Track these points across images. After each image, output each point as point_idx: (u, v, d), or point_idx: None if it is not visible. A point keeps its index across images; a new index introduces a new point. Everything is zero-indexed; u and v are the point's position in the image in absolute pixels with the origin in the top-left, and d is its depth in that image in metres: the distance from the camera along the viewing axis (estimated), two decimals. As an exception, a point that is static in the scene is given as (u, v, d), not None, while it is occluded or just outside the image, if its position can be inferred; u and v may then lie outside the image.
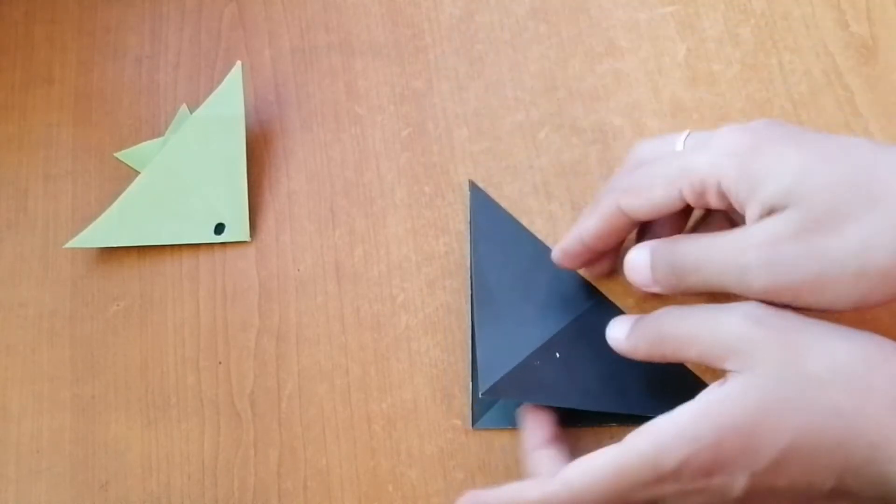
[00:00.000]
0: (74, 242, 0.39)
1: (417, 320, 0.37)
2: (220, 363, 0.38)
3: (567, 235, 0.33)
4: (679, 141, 0.31)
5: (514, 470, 0.34)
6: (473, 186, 0.39)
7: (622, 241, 0.34)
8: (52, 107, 0.44)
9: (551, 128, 0.40)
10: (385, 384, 0.36)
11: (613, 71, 0.40)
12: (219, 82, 0.41)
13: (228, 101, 0.41)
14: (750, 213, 0.27)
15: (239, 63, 0.41)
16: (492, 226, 0.37)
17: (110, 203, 0.40)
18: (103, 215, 0.40)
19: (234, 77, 0.41)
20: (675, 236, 0.31)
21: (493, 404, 0.35)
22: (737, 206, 0.28)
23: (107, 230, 0.40)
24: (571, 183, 0.39)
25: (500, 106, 0.41)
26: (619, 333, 0.31)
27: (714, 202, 0.29)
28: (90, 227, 0.39)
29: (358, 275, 0.38)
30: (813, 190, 0.26)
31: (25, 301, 0.40)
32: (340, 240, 0.39)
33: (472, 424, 0.35)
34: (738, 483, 0.26)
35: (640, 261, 0.31)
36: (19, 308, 0.40)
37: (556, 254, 0.34)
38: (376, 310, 0.38)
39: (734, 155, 0.28)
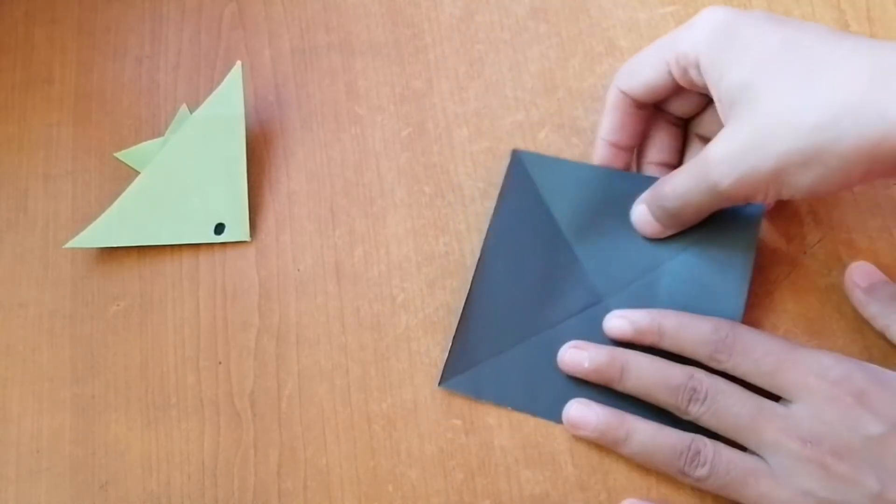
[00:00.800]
0: (74, 242, 0.39)
1: (417, 320, 0.37)
2: (220, 363, 0.38)
3: (596, 146, 0.36)
4: None
5: (513, 470, 0.34)
6: (518, 156, 0.38)
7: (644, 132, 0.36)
8: (52, 107, 0.44)
9: (551, 128, 0.40)
10: (385, 384, 0.36)
11: (613, 71, 0.40)
12: (219, 82, 0.42)
13: (228, 101, 0.41)
14: (716, 101, 0.31)
15: (239, 63, 0.41)
16: (519, 206, 0.37)
17: (110, 203, 0.40)
18: (103, 215, 0.40)
19: (234, 77, 0.41)
20: (657, 183, 0.34)
21: (466, 370, 0.35)
22: (708, 87, 0.31)
23: (107, 230, 0.40)
24: (571, 183, 0.39)
25: (500, 106, 0.41)
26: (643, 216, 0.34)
27: (697, 80, 0.31)
28: (90, 227, 0.40)
29: (358, 275, 0.38)
30: (767, 82, 0.28)
31: (25, 301, 0.40)
32: (340, 240, 0.39)
33: (438, 383, 0.35)
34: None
35: (642, 216, 0.34)
36: (19, 308, 0.40)
37: (597, 158, 0.36)
38: (376, 310, 0.38)
39: (711, 35, 0.30)
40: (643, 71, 0.33)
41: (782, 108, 0.28)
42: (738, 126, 0.29)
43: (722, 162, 0.29)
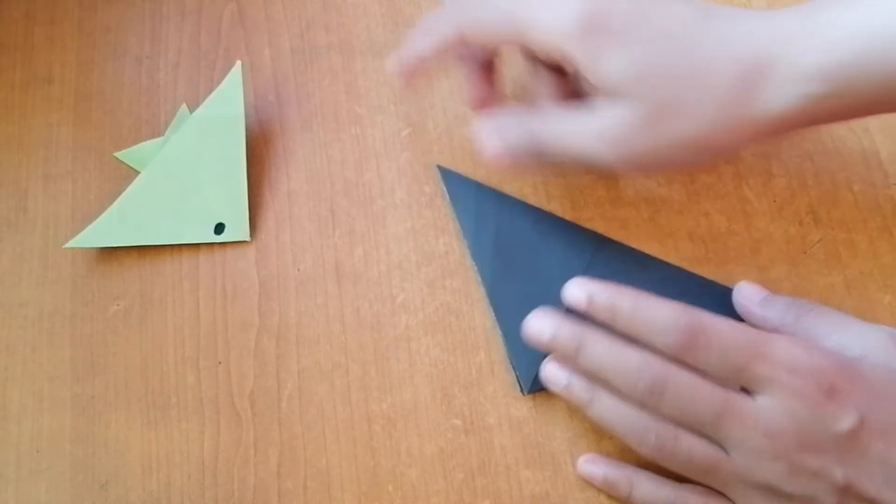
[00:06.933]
0: (74, 242, 0.39)
1: (417, 320, 0.37)
2: (220, 363, 0.38)
3: (404, 51, 0.35)
4: None
5: (513, 470, 0.34)
6: (444, 170, 0.39)
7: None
8: (52, 107, 0.44)
9: (551, 128, 0.40)
10: (385, 384, 0.36)
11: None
12: (219, 82, 0.41)
13: (228, 101, 0.41)
14: (593, 90, 0.31)
15: (239, 63, 0.41)
16: (475, 206, 0.38)
17: (110, 203, 0.40)
18: (103, 215, 0.40)
19: (234, 77, 0.41)
20: (528, 112, 0.33)
21: (538, 367, 0.35)
22: (581, 75, 0.31)
23: (107, 230, 0.40)
24: (571, 183, 0.39)
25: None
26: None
27: (557, 59, 0.31)
28: (90, 227, 0.39)
29: (358, 275, 0.38)
30: (651, 83, 0.29)
31: (25, 301, 0.40)
32: (340, 240, 0.39)
33: (524, 392, 0.35)
34: None
35: (492, 138, 0.33)
36: (19, 308, 0.40)
37: (393, 65, 0.36)
38: (376, 310, 0.38)
39: (580, 31, 0.29)
40: (493, 34, 0.32)
41: (679, 96, 0.29)
42: (631, 108, 0.29)
43: (615, 135, 0.30)
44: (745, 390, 0.29)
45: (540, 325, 0.32)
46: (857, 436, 0.27)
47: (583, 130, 0.31)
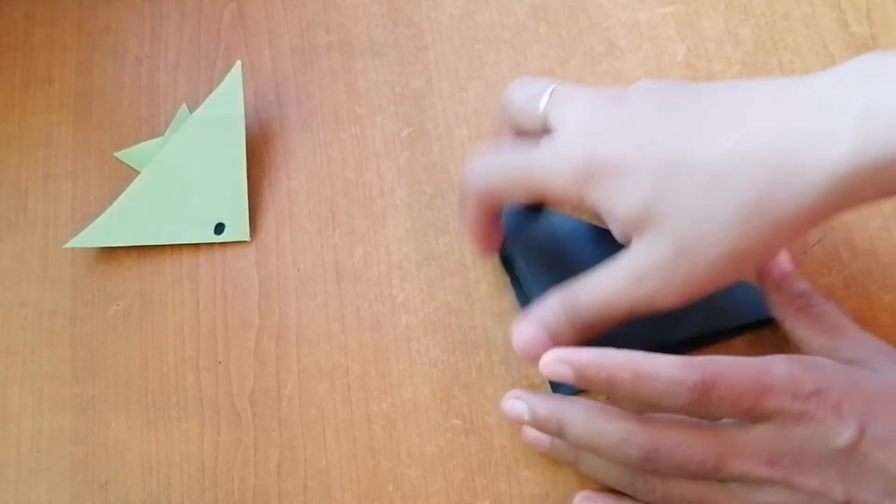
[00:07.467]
0: (74, 242, 0.39)
1: (417, 320, 0.37)
2: (220, 363, 0.38)
3: (468, 229, 0.35)
4: (544, 98, 0.32)
5: (513, 470, 0.34)
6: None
7: None
8: (52, 107, 0.44)
9: (551, 128, 0.40)
10: (385, 384, 0.36)
11: (613, 71, 0.40)
12: (219, 82, 0.42)
13: (228, 101, 0.41)
14: (614, 227, 0.31)
15: (239, 63, 0.41)
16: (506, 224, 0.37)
17: (110, 203, 0.40)
18: (103, 215, 0.40)
19: (234, 77, 0.41)
20: (566, 291, 0.31)
21: None
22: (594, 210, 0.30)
23: (107, 230, 0.40)
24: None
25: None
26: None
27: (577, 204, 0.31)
28: (90, 227, 0.40)
29: (358, 275, 0.38)
30: (667, 210, 0.28)
31: (25, 301, 0.40)
32: (340, 240, 0.39)
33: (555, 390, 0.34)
34: None
35: (528, 328, 0.31)
36: (19, 308, 0.40)
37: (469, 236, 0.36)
38: (376, 310, 0.38)
39: (586, 178, 0.29)
40: (511, 195, 0.32)
41: (699, 218, 0.27)
42: (657, 241, 0.28)
43: (654, 269, 0.28)
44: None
45: (516, 408, 0.31)
46: (856, 447, 0.27)
47: (619, 277, 0.29)
